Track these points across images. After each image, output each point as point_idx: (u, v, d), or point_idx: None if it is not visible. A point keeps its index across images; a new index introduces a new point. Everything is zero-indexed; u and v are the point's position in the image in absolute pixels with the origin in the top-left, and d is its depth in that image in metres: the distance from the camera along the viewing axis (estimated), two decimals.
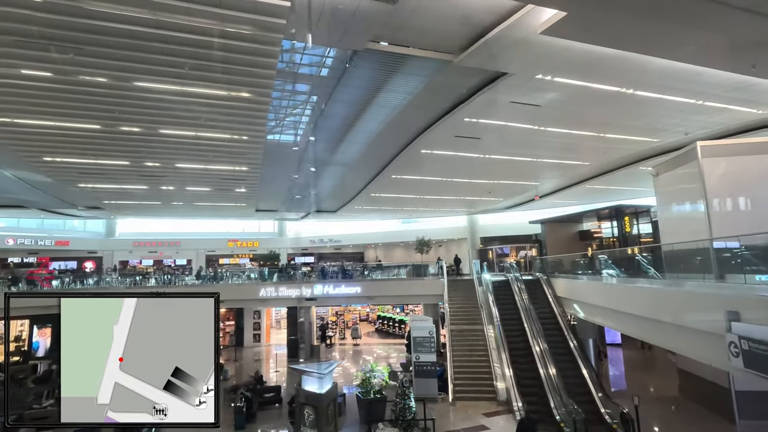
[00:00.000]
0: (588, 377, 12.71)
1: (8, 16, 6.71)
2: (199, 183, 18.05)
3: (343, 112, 12.08)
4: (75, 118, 11.15)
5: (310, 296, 20.72)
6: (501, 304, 16.68)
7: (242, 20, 6.94)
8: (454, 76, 9.98)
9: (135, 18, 6.85)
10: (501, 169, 18.21)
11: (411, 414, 10.40)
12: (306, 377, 9.02)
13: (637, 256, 12.94)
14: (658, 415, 11.92)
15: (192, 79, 9.23)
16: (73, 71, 8.82)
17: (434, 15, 7.11)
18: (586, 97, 10.80)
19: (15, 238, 26.70)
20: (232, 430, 11.81)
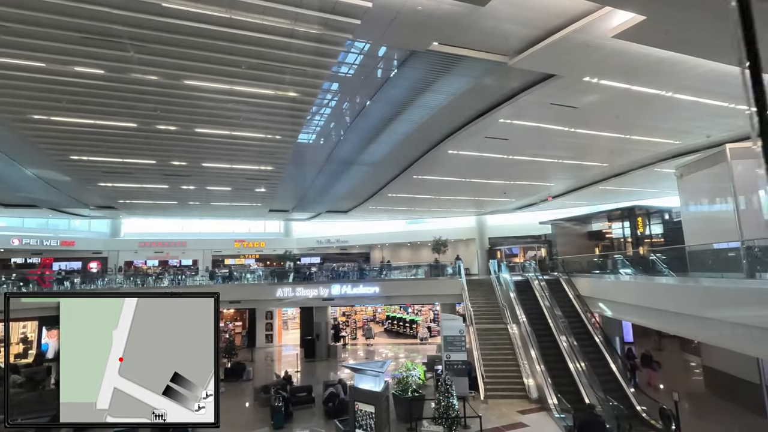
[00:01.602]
0: (618, 372, 12.97)
1: (84, 13, 6.68)
2: (221, 183, 17.96)
3: (381, 113, 12.15)
4: (114, 116, 11.07)
5: (328, 296, 20.73)
6: (524, 303, 16.88)
7: (315, 20, 6.99)
8: (499, 78, 10.16)
9: (208, 16, 6.87)
10: (520, 169, 18.42)
11: (455, 412, 10.49)
12: (360, 375, 9.07)
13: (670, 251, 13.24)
14: (692, 412, 12.19)
15: (243, 78, 9.25)
16: (127, 69, 8.78)
17: (503, 17, 7.23)
18: (623, 100, 11.02)
19: (20, 238, 26.21)
20: (269, 430, 11.82)
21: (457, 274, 20.29)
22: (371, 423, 8.42)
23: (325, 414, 12.54)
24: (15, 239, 26.00)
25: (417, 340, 25.37)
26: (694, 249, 12.45)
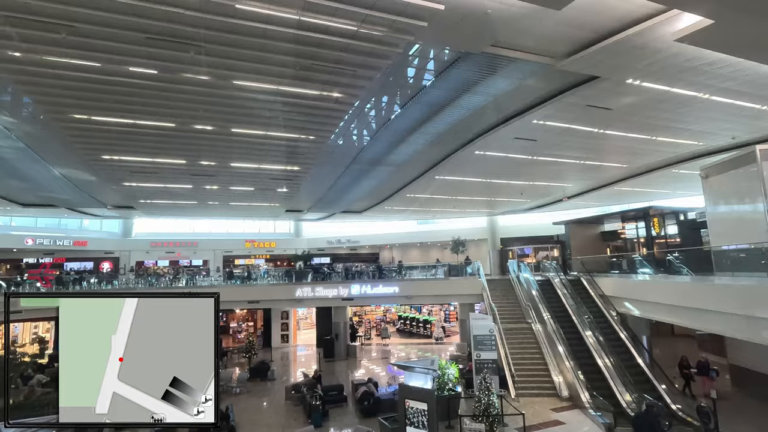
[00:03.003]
0: (648, 370, 13.13)
1: (157, 14, 6.74)
2: (244, 182, 18.02)
3: (417, 114, 12.26)
4: (155, 115, 11.14)
5: (348, 296, 20.82)
6: (548, 302, 17.03)
7: (383, 21, 7.08)
8: (541, 79, 10.30)
9: (278, 17, 6.94)
10: (542, 170, 18.57)
11: (495, 410, 10.59)
12: (410, 374, 9.16)
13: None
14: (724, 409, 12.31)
15: (292, 78, 9.33)
16: (180, 69, 8.85)
17: (562, 21, 7.34)
18: (659, 102, 11.17)
19: (34, 238, 26.14)
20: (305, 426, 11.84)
21: (476, 274, 20.41)
22: (423, 420, 8.50)
23: (361, 412, 12.61)
24: (29, 239, 25.93)
25: (432, 339, 25.45)
26: (727, 248, 12.64)
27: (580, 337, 14.86)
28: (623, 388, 12.39)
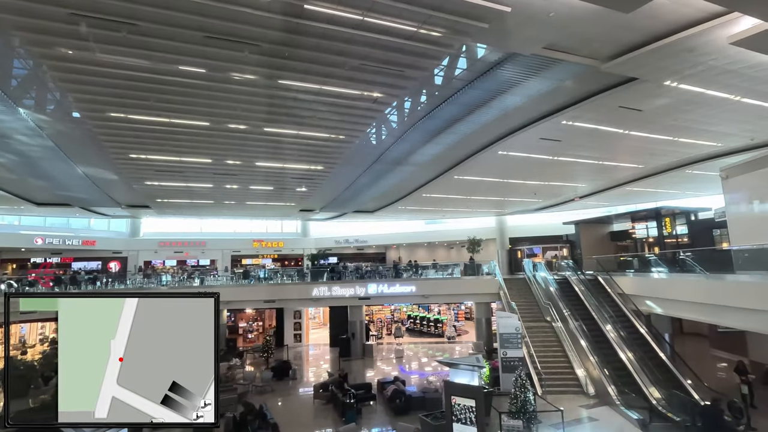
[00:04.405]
0: (673, 368, 13.33)
1: (223, 14, 6.78)
2: (265, 182, 18.03)
3: (450, 114, 12.36)
4: (191, 114, 11.15)
5: (364, 295, 20.89)
6: (567, 300, 17.22)
7: (444, 23, 7.18)
8: (579, 80, 10.45)
9: (342, 18, 7.00)
10: (559, 170, 18.76)
11: (532, 407, 10.73)
12: (456, 371, 9.27)
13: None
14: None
15: (337, 78, 9.39)
16: (229, 68, 8.89)
17: (616, 23, 7.48)
18: (690, 103, 11.36)
19: (43, 238, 25.88)
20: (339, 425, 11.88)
21: (492, 274, 20.59)
22: (471, 417, 8.61)
23: (392, 411, 12.70)
24: (38, 238, 25.68)
25: (444, 339, 25.59)
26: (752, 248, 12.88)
27: (603, 333, 15.05)
28: (650, 384, 12.58)
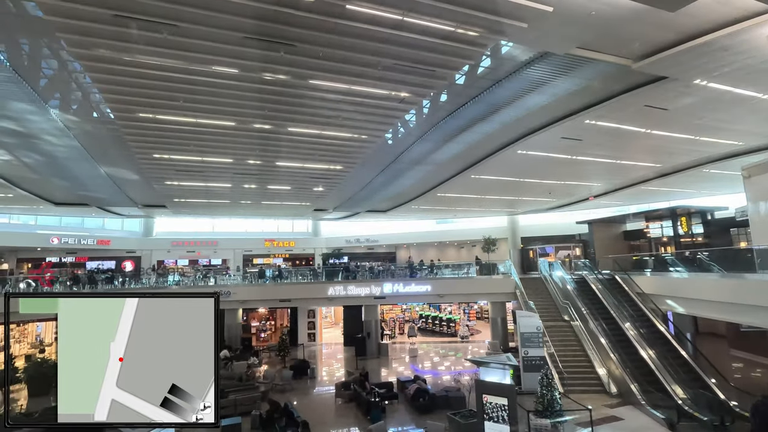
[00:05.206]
0: (696, 367, 13.31)
1: (265, 14, 6.84)
2: (283, 182, 18.10)
3: (474, 113, 12.37)
4: (218, 114, 11.22)
5: (380, 295, 20.96)
6: (586, 300, 17.21)
7: (482, 23, 7.20)
8: (607, 79, 10.44)
9: (382, 18, 7.05)
10: (577, 169, 18.73)
11: (559, 405, 10.74)
12: (486, 369, 9.30)
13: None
14: None
15: (368, 78, 9.43)
16: (263, 68, 8.95)
17: (653, 22, 7.49)
18: (716, 102, 11.35)
19: (59, 237, 26.12)
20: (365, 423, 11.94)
21: (508, 273, 20.60)
22: (503, 415, 8.64)
23: (416, 409, 12.74)
24: (54, 238, 25.92)
25: (457, 338, 25.62)
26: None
27: (623, 332, 15.03)
28: (674, 383, 12.56)
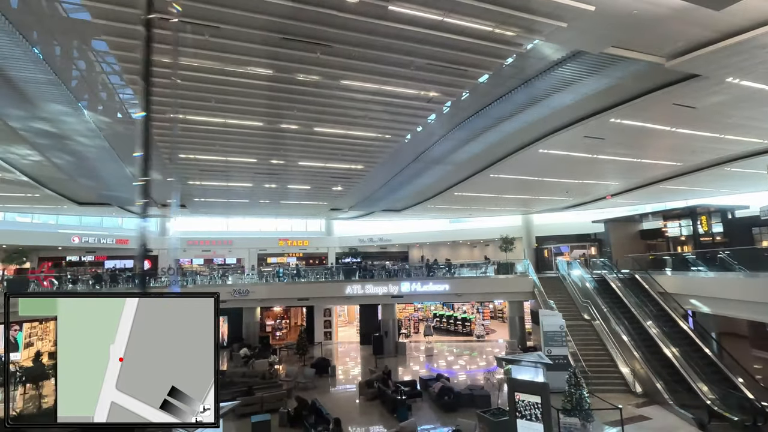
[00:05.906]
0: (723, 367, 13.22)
1: (309, 16, 6.92)
2: (303, 181, 18.23)
3: (500, 112, 12.38)
4: (247, 114, 11.35)
5: (397, 294, 21.03)
6: (607, 299, 17.16)
7: (521, 23, 7.23)
8: (637, 78, 10.39)
9: (422, 18, 7.10)
10: (596, 168, 18.64)
11: (587, 404, 10.75)
12: (518, 367, 9.35)
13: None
14: None
15: (399, 78, 9.49)
16: (297, 69, 9.05)
17: (692, 20, 7.46)
18: (746, 100, 11.24)
19: (80, 236, 26.53)
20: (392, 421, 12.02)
21: (526, 272, 20.57)
22: (536, 413, 8.67)
23: (441, 407, 12.81)
24: (75, 237, 26.33)
25: (473, 337, 25.64)
26: None
27: (645, 331, 14.99)
28: (701, 383, 12.49)
